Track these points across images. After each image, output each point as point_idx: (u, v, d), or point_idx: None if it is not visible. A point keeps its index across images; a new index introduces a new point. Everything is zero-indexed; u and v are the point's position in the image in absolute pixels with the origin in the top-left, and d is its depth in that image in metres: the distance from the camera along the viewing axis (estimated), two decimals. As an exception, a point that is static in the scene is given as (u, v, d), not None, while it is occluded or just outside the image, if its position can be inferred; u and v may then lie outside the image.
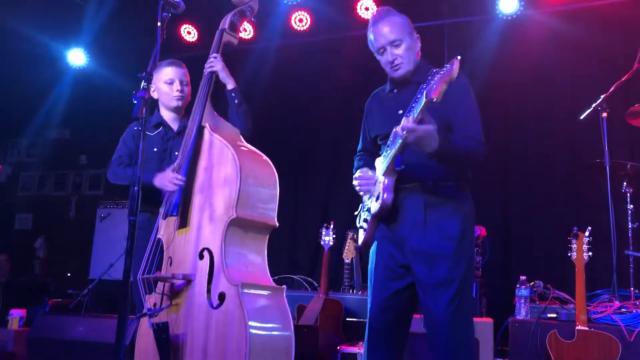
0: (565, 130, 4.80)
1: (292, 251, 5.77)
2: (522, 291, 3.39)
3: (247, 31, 5.64)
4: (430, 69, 2.28)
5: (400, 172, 2.26)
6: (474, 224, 2.37)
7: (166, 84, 2.94)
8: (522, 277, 3.43)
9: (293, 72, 5.82)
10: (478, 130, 2.26)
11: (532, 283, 3.57)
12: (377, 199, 2.27)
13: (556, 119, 4.87)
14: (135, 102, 2.11)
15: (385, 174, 2.26)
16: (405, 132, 2.04)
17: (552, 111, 4.90)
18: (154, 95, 2.98)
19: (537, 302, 3.53)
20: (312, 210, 5.71)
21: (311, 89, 5.78)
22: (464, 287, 2.25)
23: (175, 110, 2.98)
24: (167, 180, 2.59)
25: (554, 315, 3.34)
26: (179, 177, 2.55)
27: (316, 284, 5.18)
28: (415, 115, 2.02)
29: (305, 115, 5.86)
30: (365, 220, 2.38)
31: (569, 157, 4.80)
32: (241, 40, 3.08)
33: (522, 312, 3.38)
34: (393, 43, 2.33)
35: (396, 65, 2.34)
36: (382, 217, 2.33)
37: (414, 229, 2.26)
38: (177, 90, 2.93)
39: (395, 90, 2.43)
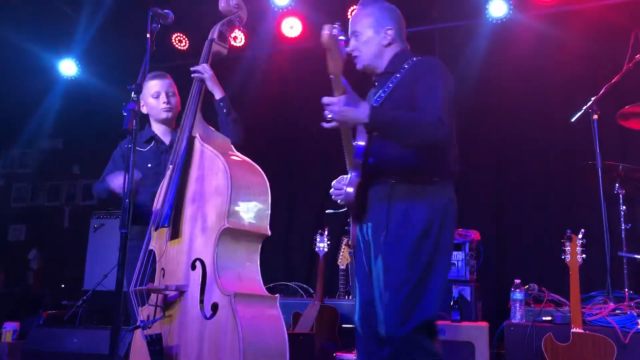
0: (557, 133, 4.82)
1: (288, 258, 5.76)
2: (517, 294, 3.39)
3: (238, 39, 5.64)
4: (411, 57, 2.28)
5: (371, 167, 2.22)
6: (449, 221, 2.20)
7: (153, 97, 2.95)
8: (517, 281, 3.43)
9: (284, 79, 5.83)
10: (435, 107, 2.13)
11: (527, 286, 3.57)
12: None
13: (548, 121, 4.89)
14: (125, 114, 2.11)
15: (351, 168, 2.24)
16: (327, 112, 2.07)
17: (544, 114, 4.92)
18: (144, 110, 2.98)
19: (532, 306, 3.53)
20: (307, 217, 5.70)
21: (303, 96, 5.78)
22: (417, 292, 2.10)
23: (166, 122, 2.98)
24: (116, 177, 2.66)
25: (549, 318, 3.34)
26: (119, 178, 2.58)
27: (312, 291, 5.17)
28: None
29: (298, 122, 5.86)
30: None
31: (562, 159, 4.82)
32: (232, 47, 3.09)
33: (517, 315, 3.38)
34: (353, 34, 2.32)
35: (354, 57, 2.33)
36: (355, 217, 2.30)
37: (377, 230, 2.19)
38: (164, 102, 2.94)
39: (376, 83, 2.40)
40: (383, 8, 2.36)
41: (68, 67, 6.03)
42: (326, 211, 4.63)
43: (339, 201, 2.35)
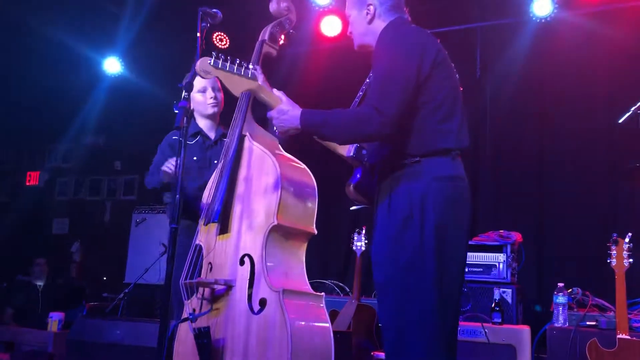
0: (603, 133, 4.72)
1: (323, 256, 5.78)
2: (560, 298, 3.35)
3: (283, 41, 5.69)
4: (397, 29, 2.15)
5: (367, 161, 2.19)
6: (436, 201, 1.96)
7: (199, 92, 3.01)
8: (560, 284, 3.39)
9: (323, 77, 5.84)
10: (374, 94, 1.99)
11: (570, 290, 3.52)
12: None
13: (594, 122, 4.79)
14: (176, 111, 2.15)
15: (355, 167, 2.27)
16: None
17: (590, 114, 4.82)
18: (190, 106, 3.03)
19: (575, 310, 3.47)
20: (341, 215, 5.72)
21: (341, 94, 5.78)
22: (401, 292, 1.94)
23: (211, 117, 3.04)
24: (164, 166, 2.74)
25: (594, 323, 3.29)
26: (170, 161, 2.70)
27: (347, 289, 5.18)
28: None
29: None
30: None
31: (608, 161, 4.72)
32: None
33: (560, 319, 3.33)
34: (348, 18, 2.29)
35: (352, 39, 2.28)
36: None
37: (374, 229, 2.10)
38: (211, 98, 3.01)
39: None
40: None
41: (112, 65, 6.17)
42: (350, 208, 4.63)
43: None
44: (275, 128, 2.10)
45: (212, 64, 2.06)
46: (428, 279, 1.93)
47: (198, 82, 3.00)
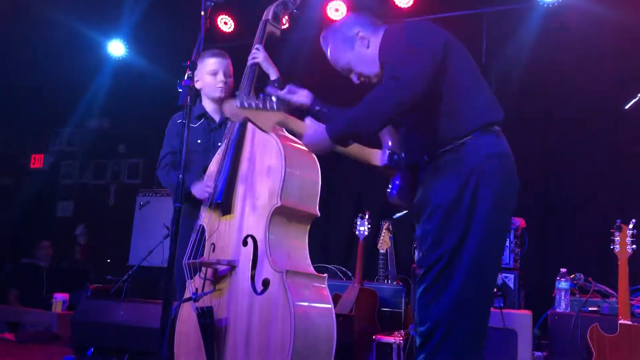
0: (608, 120, 4.69)
1: (325, 240, 5.80)
2: (563, 283, 3.35)
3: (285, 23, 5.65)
4: None
5: (403, 164, 2.15)
6: (492, 179, 1.89)
7: (210, 74, 2.98)
8: (563, 270, 3.39)
9: (328, 62, 5.81)
10: (388, 69, 1.95)
11: (573, 275, 3.51)
12: None
13: (599, 108, 4.76)
14: (180, 90, 2.15)
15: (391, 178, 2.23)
16: None
17: (596, 100, 4.78)
18: (197, 85, 3.01)
19: (577, 295, 3.47)
20: (345, 200, 5.72)
21: (347, 79, 5.76)
22: (449, 273, 1.88)
23: (218, 101, 3.02)
24: (201, 189, 2.66)
25: (596, 308, 3.30)
26: (209, 184, 2.61)
27: (350, 274, 5.20)
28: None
29: (341, 105, 5.85)
30: None
31: (612, 147, 4.69)
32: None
33: (562, 304, 3.33)
34: (345, 70, 2.23)
35: (367, 82, 2.21)
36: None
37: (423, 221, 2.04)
38: (221, 81, 2.97)
39: None
40: (334, 29, 2.24)
41: (116, 48, 6.15)
42: (393, 216, 4.64)
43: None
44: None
45: (239, 105, 2.02)
46: (479, 265, 1.89)
47: (210, 64, 2.98)
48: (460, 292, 1.88)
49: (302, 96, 2.01)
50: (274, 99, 2.04)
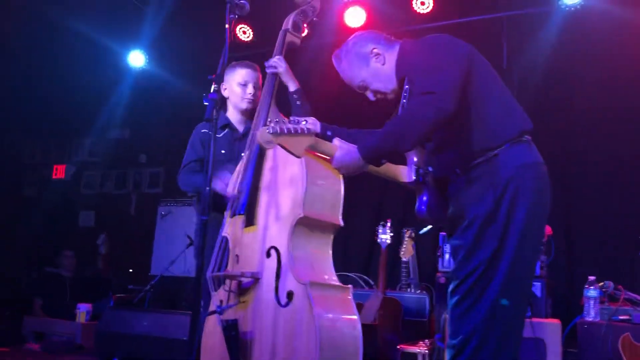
0: (633, 125, 4.61)
1: (346, 248, 5.76)
2: (592, 292, 3.28)
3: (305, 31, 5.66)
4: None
5: (431, 179, 2.12)
6: (527, 188, 1.89)
7: (239, 85, 3.00)
8: (591, 277, 3.32)
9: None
10: (420, 84, 1.93)
11: (602, 284, 3.44)
12: None
13: (623, 113, 4.67)
14: (206, 104, 2.15)
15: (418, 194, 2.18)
16: None
17: (619, 106, 4.70)
18: (224, 93, 3.02)
19: (606, 304, 3.40)
20: (365, 207, 5.68)
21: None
22: (484, 284, 1.86)
23: (244, 112, 3.03)
24: (224, 184, 2.65)
25: (627, 317, 3.22)
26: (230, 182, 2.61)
27: (372, 282, 5.16)
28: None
29: (358, 112, 5.81)
30: None
31: (638, 152, 4.60)
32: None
33: (592, 313, 3.26)
34: (361, 88, 2.21)
35: (384, 99, 2.22)
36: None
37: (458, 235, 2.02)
38: (250, 94, 2.98)
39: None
40: (348, 48, 2.23)
41: (136, 59, 6.20)
42: (419, 232, 4.60)
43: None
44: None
45: (271, 132, 2.00)
46: (515, 275, 1.89)
47: (241, 75, 3.00)
48: (495, 303, 1.86)
49: (310, 125, 2.01)
50: (304, 122, 2.02)
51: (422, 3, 5.15)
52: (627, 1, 4.64)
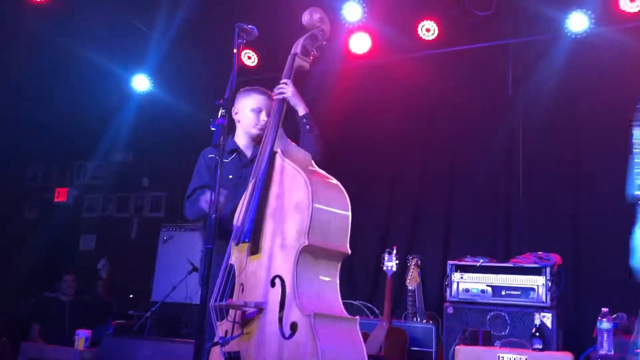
0: (641, 152, 4.55)
1: (351, 276, 5.68)
2: (605, 324, 3.20)
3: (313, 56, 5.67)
4: None
5: None
6: None
7: (253, 111, 2.96)
8: (604, 309, 3.23)
9: (352, 95, 5.78)
10: None
11: (615, 315, 3.35)
12: None
13: (631, 140, 4.62)
14: (213, 129, 2.11)
15: None
16: None
17: (627, 132, 4.65)
18: (235, 117, 2.98)
19: (620, 336, 3.31)
20: (370, 234, 5.61)
21: (372, 111, 5.73)
22: None
23: (254, 137, 2.99)
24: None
25: (641, 351, 3.12)
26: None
27: (376, 310, 5.06)
28: None
29: (366, 138, 5.79)
30: None
31: (646, 181, 4.54)
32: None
33: (605, 346, 3.17)
34: None
35: None
36: None
37: None
38: (263, 120, 2.94)
39: None
40: None
41: (141, 83, 6.20)
42: None
43: None
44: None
45: None
46: None
47: (255, 101, 2.97)
48: None
49: None
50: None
51: (428, 30, 5.15)
52: (633, 29, 4.64)
